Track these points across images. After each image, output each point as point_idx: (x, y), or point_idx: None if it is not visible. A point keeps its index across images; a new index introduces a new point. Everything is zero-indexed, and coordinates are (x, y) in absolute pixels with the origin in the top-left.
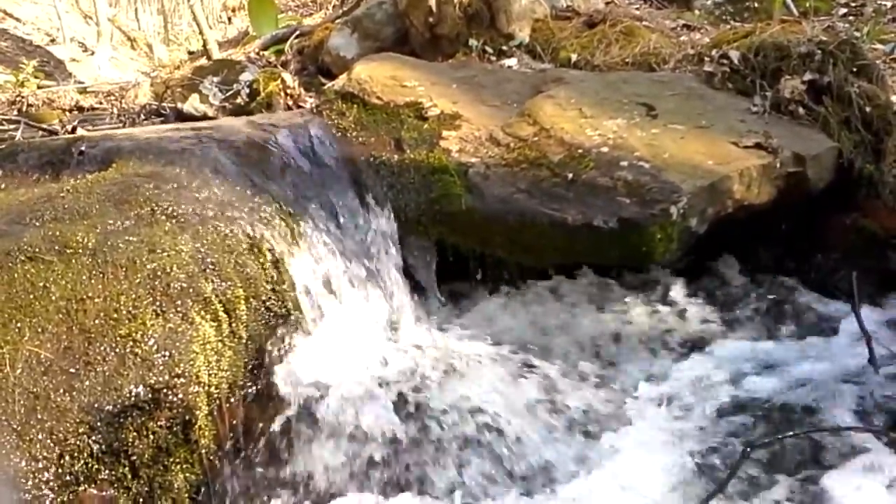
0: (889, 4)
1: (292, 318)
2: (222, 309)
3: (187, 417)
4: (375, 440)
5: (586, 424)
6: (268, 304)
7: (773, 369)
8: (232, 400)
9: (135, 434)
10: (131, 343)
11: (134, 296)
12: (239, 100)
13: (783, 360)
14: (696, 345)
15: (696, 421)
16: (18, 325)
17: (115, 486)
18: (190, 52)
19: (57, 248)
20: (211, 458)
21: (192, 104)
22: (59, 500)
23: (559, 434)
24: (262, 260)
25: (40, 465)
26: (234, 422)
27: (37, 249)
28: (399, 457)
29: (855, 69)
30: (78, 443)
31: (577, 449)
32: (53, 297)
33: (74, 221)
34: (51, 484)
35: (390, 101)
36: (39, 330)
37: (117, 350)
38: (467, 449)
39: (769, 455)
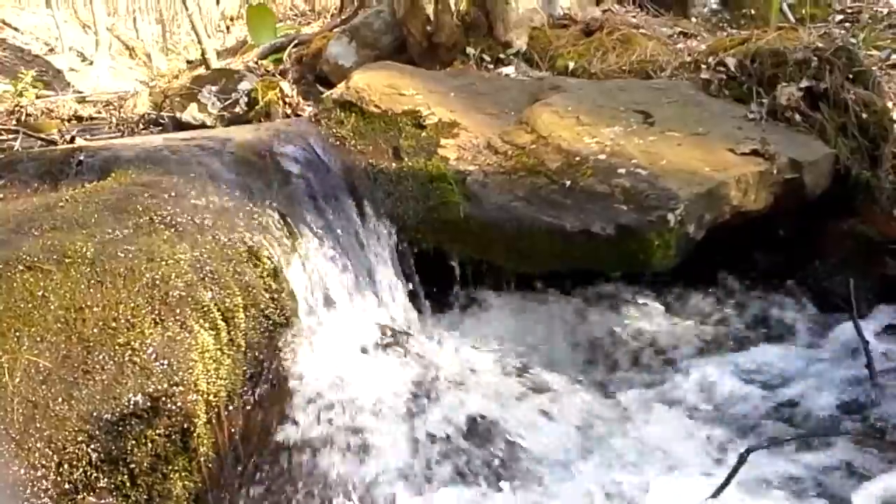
0: (885, 11)
1: (290, 326)
2: (221, 317)
3: (186, 425)
4: (374, 446)
5: (584, 431)
6: (266, 312)
7: (770, 375)
8: (230, 408)
9: (133, 442)
10: (130, 352)
11: (133, 304)
12: (237, 109)
13: (781, 367)
14: (694, 351)
15: (694, 426)
16: (17, 334)
17: (114, 494)
18: (188, 62)
19: (56, 257)
20: (210, 465)
21: (191, 113)
22: None
23: (557, 440)
24: (260, 268)
25: (39, 474)
26: (233, 430)
27: (36, 259)
28: (398, 461)
29: (851, 76)
30: (77, 451)
31: (569, 450)
32: (52, 307)
33: (73, 231)
34: (50, 492)
35: (388, 110)
36: (38, 339)
37: (116, 359)
38: (466, 453)
39: (767, 460)
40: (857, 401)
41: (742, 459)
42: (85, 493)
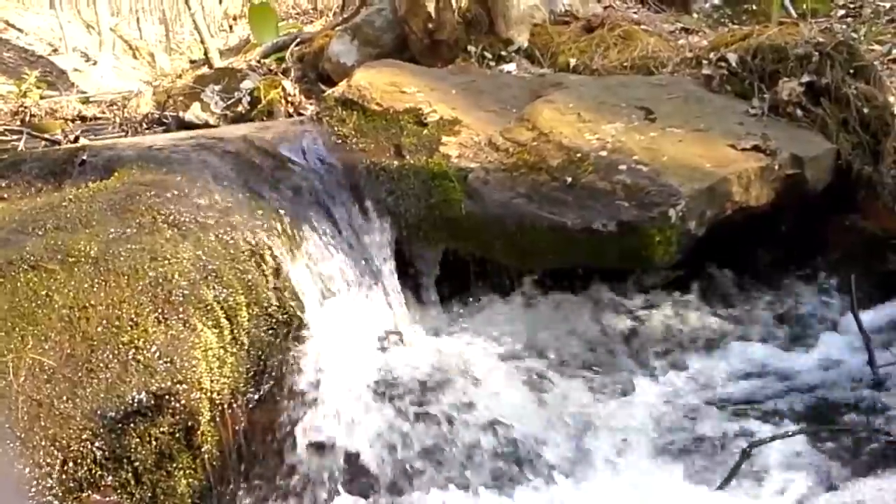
0: (887, 6)
1: (293, 323)
2: (224, 316)
3: (190, 423)
4: (375, 445)
5: (585, 425)
6: (269, 310)
7: (772, 370)
8: (234, 405)
9: (138, 440)
10: (134, 350)
11: (136, 303)
12: (240, 108)
13: (783, 362)
14: (696, 346)
15: (696, 421)
16: (22, 333)
17: (119, 491)
18: (192, 61)
19: (59, 256)
20: (214, 463)
21: (194, 112)
22: None
23: (556, 433)
24: (262, 266)
25: (44, 472)
26: (237, 427)
27: (39, 258)
28: (400, 460)
29: (852, 70)
30: (81, 449)
31: (574, 449)
32: (56, 306)
33: (77, 230)
34: (54, 490)
35: (390, 108)
36: (42, 338)
37: (120, 357)
38: (468, 449)
39: (770, 454)
40: (859, 395)
41: (745, 453)
42: (89, 491)
